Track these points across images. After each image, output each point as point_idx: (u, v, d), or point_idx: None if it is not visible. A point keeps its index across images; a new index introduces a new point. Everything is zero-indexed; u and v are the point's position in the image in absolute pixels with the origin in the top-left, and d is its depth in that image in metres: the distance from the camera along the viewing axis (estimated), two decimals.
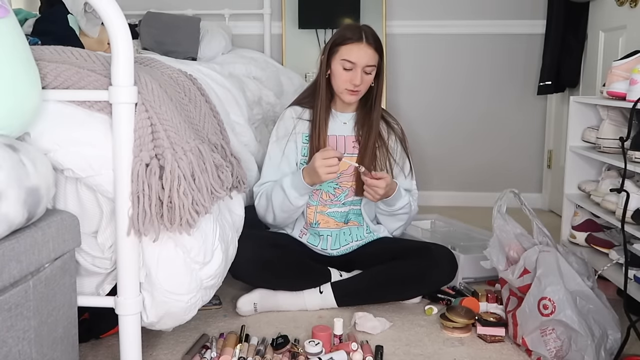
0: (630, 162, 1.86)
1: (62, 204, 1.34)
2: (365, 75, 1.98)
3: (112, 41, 1.26)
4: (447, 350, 1.69)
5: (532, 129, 3.53)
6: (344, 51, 1.97)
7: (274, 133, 2.11)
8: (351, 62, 1.96)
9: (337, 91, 2.03)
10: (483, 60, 3.48)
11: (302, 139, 2.06)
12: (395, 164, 2.10)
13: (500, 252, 1.81)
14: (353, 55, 1.96)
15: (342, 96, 2.03)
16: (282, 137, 2.08)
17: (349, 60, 1.96)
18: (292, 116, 2.10)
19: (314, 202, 2.06)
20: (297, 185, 1.93)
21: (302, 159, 2.05)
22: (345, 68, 1.97)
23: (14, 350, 1.08)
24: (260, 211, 2.04)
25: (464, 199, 3.56)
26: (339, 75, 1.99)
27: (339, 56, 1.98)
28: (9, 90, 1.12)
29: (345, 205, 2.08)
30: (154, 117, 1.30)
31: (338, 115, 2.09)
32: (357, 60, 1.96)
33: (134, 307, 1.36)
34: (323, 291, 1.95)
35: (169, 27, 2.99)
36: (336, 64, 1.99)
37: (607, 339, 1.58)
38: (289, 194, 1.93)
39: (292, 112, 2.11)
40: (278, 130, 2.10)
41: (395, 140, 2.12)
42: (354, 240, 2.09)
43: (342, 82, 1.99)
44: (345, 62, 1.96)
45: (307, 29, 3.43)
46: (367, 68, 1.97)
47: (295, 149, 2.06)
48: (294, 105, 2.14)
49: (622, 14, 2.62)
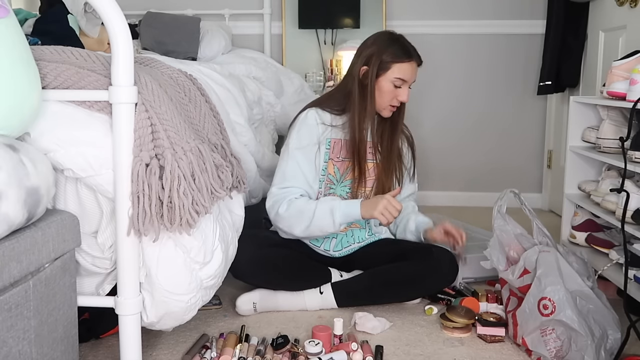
0: (630, 162, 1.86)
1: (62, 204, 1.34)
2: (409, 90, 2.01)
3: (112, 41, 1.26)
4: (447, 350, 1.69)
5: (532, 129, 3.53)
6: (397, 69, 1.96)
7: (296, 137, 1.99)
8: (404, 81, 1.97)
9: (379, 107, 2.00)
10: (483, 60, 3.48)
11: (325, 145, 2.00)
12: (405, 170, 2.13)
13: (500, 252, 1.81)
14: (407, 74, 1.97)
15: (383, 112, 2.01)
16: (307, 144, 1.98)
17: (403, 79, 1.96)
18: (316, 122, 2.00)
19: None
20: (351, 214, 1.88)
21: (324, 165, 2.01)
22: (396, 85, 1.96)
23: (14, 350, 1.08)
24: (286, 221, 1.93)
25: (464, 199, 3.56)
26: (388, 92, 1.97)
27: (391, 74, 1.96)
28: (9, 90, 1.12)
29: None
30: (154, 117, 1.30)
31: None
32: (409, 78, 1.98)
33: (134, 307, 1.36)
34: (323, 291, 1.95)
35: (169, 27, 2.99)
36: (386, 82, 1.96)
37: (607, 339, 1.58)
38: (336, 219, 1.87)
39: (316, 116, 2.00)
40: (301, 135, 1.99)
41: (407, 147, 2.15)
42: (356, 242, 2.09)
43: (389, 99, 1.98)
44: (398, 80, 1.96)
45: (307, 29, 3.43)
46: (412, 84, 2.02)
47: (320, 157, 2.00)
48: (315, 108, 2.03)
49: (622, 14, 2.62)
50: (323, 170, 2.01)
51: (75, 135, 1.28)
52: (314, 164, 1.98)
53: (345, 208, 1.89)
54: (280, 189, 1.95)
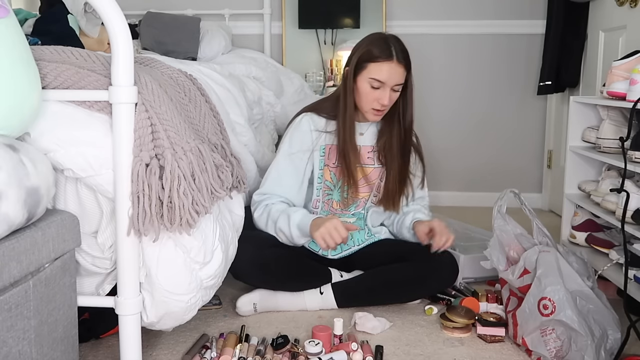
0: (630, 162, 1.86)
1: (62, 204, 1.34)
2: (392, 93, 1.89)
3: (112, 41, 1.26)
4: (447, 350, 1.69)
5: (532, 129, 3.52)
6: (373, 69, 1.85)
7: (287, 143, 1.97)
8: (380, 82, 1.85)
9: (362, 109, 1.92)
10: (483, 61, 3.48)
11: (320, 152, 1.96)
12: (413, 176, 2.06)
13: (500, 252, 1.81)
14: (383, 75, 1.85)
15: (367, 115, 1.93)
16: (298, 151, 1.95)
17: (378, 79, 1.85)
18: (310, 128, 1.96)
19: (324, 213, 2.02)
20: (303, 230, 1.85)
21: (320, 172, 1.98)
22: (373, 87, 1.86)
23: (14, 350, 1.08)
24: (259, 224, 1.94)
25: (464, 199, 3.56)
26: (366, 94, 1.88)
27: (367, 74, 1.86)
28: (9, 90, 1.12)
29: (355, 215, 2.07)
30: (154, 117, 1.30)
31: (356, 125, 1.98)
32: (386, 79, 1.85)
33: (134, 307, 1.36)
34: (323, 292, 1.95)
35: (169, 27, 3.00)
36: (363, 82, 1.87)
37: (607, 339, 1.58)
38: (292, 230, 1.86)
39: (310, 122, 1.97)
40: (292, 141, 1.96)
41: (415, 153, 2.06)
42: (356, 244, 2.07)
43: (369, 102, 1.89)
44: (374, 81, 1.85)
45: (307, 29, 3.43)
46: (396, 87, 1.88)
47: (311, 163, 1.97)
48: (310, 114, 2.00)
49: (622, 14, 2.62)
50: (319, 178, 1.98)
51: (75, 135, 1.28)
52: (302, 172, 1.96)
53: (300, 222, 1.85)
54: (260, 195, 1.96)
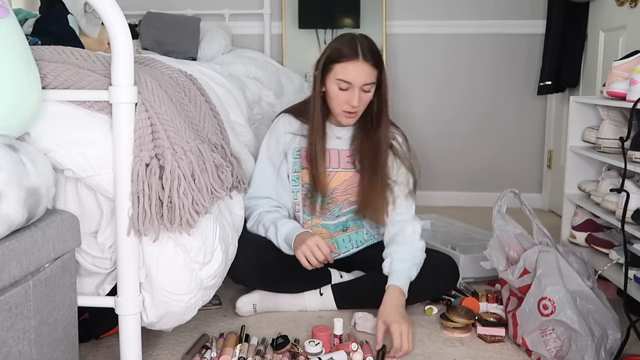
0: (630, 162, 1.86)
1: (62, 204, 1.34)
2: (363, 94, 1.82)
3: (112, 41, 1.26)
4: (447, 350, 1.69)
5: (532, 129, 3.52)
6: (339, 70, 1.79)
7: (266, 144, 1.98)
8: (347, 82, 1.79)
9: (333, 112, 1.88)
10: (483, 61, 3.48)
11: (293, 155, 1.96)
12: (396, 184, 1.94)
13: (500, 252, 1.81)
14: (349, 75, 1.78)
15: (339, 118, 1.88)
16: (274, 152, 1.97)
17: (344, 80, 1.78)
18: (285, 131, 1.97)
19: (309, 217, 2.02)
20: (289, 243, 1.84)
21: (294, 175, 1.97)
22: (341, 88, 1.80)
23: (14, 350, 1.08)
24: (251, 229, 1.94)
25: (464, 199, 3.56)
26: (335, 96, 1.82)
27: (334, 75, 1.80)
28: (9, 90, 1.12)
29: (340, 217, 2.04)
30: (154, 117, 1.30)
31: (333, 128, 1.96)
32: (353, 79, 1.78)
33: (134, 307, 1.36)
34: (323, 293, 1.94)
35: (169, 27, 2.99)
36: (331, 84, 1.82)
37: (607, 339, 1.58)
38: (280, 244, 1.86)
39: (285, 124, 1.97)
40: (270, 144, 1.98)
41: (394, 158, 1.94)
42: (354, 246, 2.06)
43: (339, 104, 1.83)
44: (341, 82, 1.79)
45: (307, 29, 3.43)
46: (366, 86, 1.80)
47: (285, 164, 1.98)
48: (288, 115, 1.99)
49: (622, 14, 2.62)
50: (295, 180, 1.98)
51: (75, 135, 1.28)
52: (281, 172, 1.97)
53: (286, 236, 1.84)
54: (249, 200, 1.95)
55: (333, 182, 1.97)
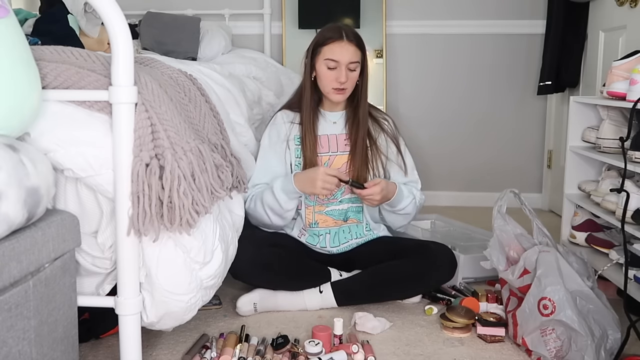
0: (630, 162, 1.86)
1: (62, 204, 1.34)
2: (350, 72, 2.00)
3: (112, 41, 1.26)
4: (447, 350, 1.69)
5: (532, 129, 3.52)
6: (326, 51, 1.99)
7: (267, 137, 2.11)
8: (334, 61, 1.98)
9: (324, 92, 2.05)
10: (483, 61, 3.48)
11: (295, 141, 2.08)
12: (389, 161, 2.11)
13: (500, 252, 1.81)
14: (336, 54, 1.98)
15: (329, 96, 2.04)
16: (276, 142, 2.09)
17: (332, 59, 1.98)
18: (283, 121, 2.11)
19: (311, 203, 2.06)
20: (287, 190, 1.95)
21: (297, 161, 2.07)
22: (330, 67, 1.99)
23: (14, 350, 1.07)
24: (252, 214, 2.02)
25: (464, 199, 3.56)
26: (324, 75, 2.01)
27: (322, 56, 2.00)
28: (9, 90, 1.12)
29: (343, 202, 2.08)
30: (154, 117, 1.30)
31: (327, 115, 2.11)
32: (340, 58, 1.98)
33: (134, 307, 1.36)
34: (323, 291, 1.95)
35: (169, 27, 2.99)
36: (320, 65, 2.01)
37: (607, 339, 1.58)
38: (278, 197, 1.95)
39: (283, 116, 2.13)
40: (270, 135, 2.11)
41: (385, 137, 2.13)
42: (354, 238, 2.09)
43: (328, 82, 2.01)
44: (329, 62, 1.98)
45: (307, 29, 3.42)
46: (351, 65, 1.99)
47: (289, 152, 2.08)
48: (284, 110, 2.15)
49: (622, 14, 2.62)
50: (297, 166, 2.06)
51: (75, 135, 1.28)
52: (283, 159, 2.07)
53: (282, 184, 1.96)
54: (250, 188, 2.03)
55: (333, 165, 2.07)
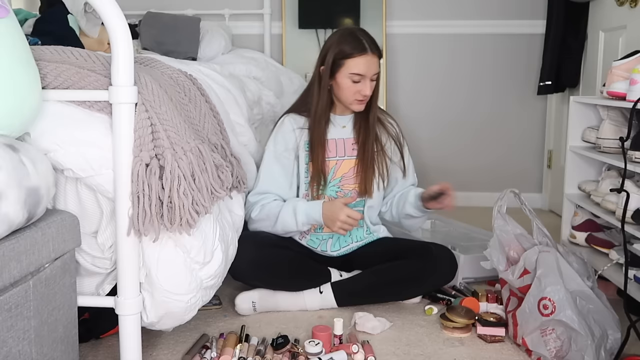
0: (630, 162, 1.86)
1: (62, 204, 1.34)
2: (371, 82, 1.97)
3: (112, 41, 1.26)
4: (447, 350, 1.69)
5: (532, 129, 3.52)
6: (351, 65, 1.93)
7: (272, 143, 2.05)
8: (360, 75, 1.94)
9: (345, 102, 2.01)
10: (482, 61, 3.48)
11: (304, 148, 2.03)
12: (392, 163, 2.11)
13: (500, 253, 1.81)
14: (362, 69, 1.93)
15: (352, 107, 2.01)
16: (282, 152, 2.03)
17: (358, 73, 1.93)
18: (292, 127, 2.05)
19: None
20: (311, 216, 1.92)
21: (305, 167, 2.03)
22: (354, 81, 1.94)
23: (14, 350, 1.08)
24: (256, 221, 1.98)
25: (464, 199, 3.55)
26: (348, 87, 1.96)
27: (347, 70, 1.94)
28: (9, 90, 1.12)
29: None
30: (154, 117, 1.30)
31: (337, 118, 2.07)
32: (366, 72, 1.94)
33: (134, 307, 1.36)
34: (323, 291, 1.95)
35: (169, 27, 2.99)
36: (343, 78, 1.95)
37: (607, 339, 1.58)
38: (299, 219, 1.92)
39: (292, 122, 2.06)
40: (276, 141, 2.04)
41: (388, 138, 2.11)
42: (354, 241, 2.09)
43: (351, 94, 1.97)
44: (354, 76, 1.94)
45: (307, 29, 3.43)
46: (374, 76, 1.97)
47: (297, 163, 2.04)
48: (292, 114, 2.08)
49: (622, 14, 2.62)
50: (306, 172, 2.03)
51: (75, 135, 1.28)
52: (290, 171, 2.03)
53: (307, 208, 1.92)
54: (254, 195, 2.00)
55: (340, 170, 2.05)
